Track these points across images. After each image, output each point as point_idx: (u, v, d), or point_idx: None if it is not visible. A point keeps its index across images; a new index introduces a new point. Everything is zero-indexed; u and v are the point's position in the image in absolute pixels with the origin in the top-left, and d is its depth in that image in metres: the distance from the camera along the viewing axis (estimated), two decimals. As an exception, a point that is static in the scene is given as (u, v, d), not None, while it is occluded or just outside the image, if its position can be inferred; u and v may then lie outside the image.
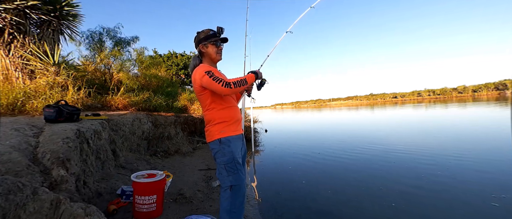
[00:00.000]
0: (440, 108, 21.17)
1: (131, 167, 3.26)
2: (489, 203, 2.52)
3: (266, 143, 7.55)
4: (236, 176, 1.55)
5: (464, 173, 3.50)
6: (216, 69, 1.69)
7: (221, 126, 1.60)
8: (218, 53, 1.68)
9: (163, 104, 5.70)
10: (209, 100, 1.60)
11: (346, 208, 2.64)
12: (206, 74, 1.50)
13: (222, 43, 1.71)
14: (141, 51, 7.05)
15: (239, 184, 1.55)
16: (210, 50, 1.65)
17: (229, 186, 1.55)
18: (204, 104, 1.64)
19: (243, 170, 1.62)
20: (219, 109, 1.62)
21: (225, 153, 1.56)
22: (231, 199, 1.53)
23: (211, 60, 1.69)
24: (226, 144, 1.57)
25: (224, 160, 1.56)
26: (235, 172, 1.55)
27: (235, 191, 1.54)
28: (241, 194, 1.57)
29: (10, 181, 1.12)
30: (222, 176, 1.58)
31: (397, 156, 4.78)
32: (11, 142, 1.85)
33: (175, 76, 10.91)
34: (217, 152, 1.59)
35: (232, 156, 1.56)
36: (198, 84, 1.57)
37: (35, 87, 3.59)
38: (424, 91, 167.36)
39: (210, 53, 1.66)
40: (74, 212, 1.25)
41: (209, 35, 1.64)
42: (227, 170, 1.55)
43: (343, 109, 35.75)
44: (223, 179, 1.58)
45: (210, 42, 1.64)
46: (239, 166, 1.57)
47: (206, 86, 1.53)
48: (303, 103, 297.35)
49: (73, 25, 4.96)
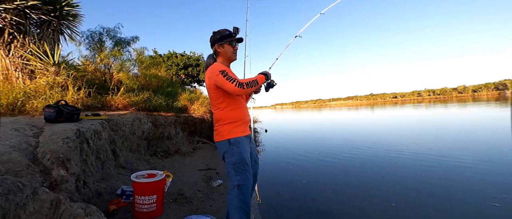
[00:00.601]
0: (440, 108, 21.17)
1: (131, 167, 3.26)
2: (489, 204, 2.51)
3: (266, 143, 7.55)
4: (243, 176, 1.60)
5: (465, 173, 3.50)
6: (229, 69, 1.72)
7: (230, 127, 1.64)
8: (233, 53, 1.73)
9: (163, 104, 5.69)
10: (220, 99, 1.65)
11: (346, 208, 2.64)
12: (220, 73, 1.54)
13: (237, 43, 1.75)
14: (141, 51, 7.05)
15: (246, 184, 1.62)
16: (226, 49, 1.70)
17: (237, 185, 1.61)
18: (215, 102, 1.68)
19: (250, 170, 1.67)
20: (230, 109, 1.66)
21: (234, 153, 1.61)
22: (239, 197, 1.60)
23: (226, 59, 1.73)
24: (235, 145, 1.62)
25: (232, 160, 1.61)
26: (243, 172, 1.61)
27: (242, 190, 1.61)
28: (248, 192, 1.64)
29: (10, 181, 1.12)
30: (230, 175, 1.64)
31: (397, 156, 4.78)
32: (11, 142, 1.85)
33: (175, 76, 10.90)
34: (226, 152, 1.64)
35: (240, 157, 1.60)
36: (212, 83, 1.61)
37: (35, 87, 3.58)
38: (424, 91, 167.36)
39: (226, 53, 1.70)
40: (74, 212, 1.25)
41: (225, 35, 1.68)
42: (235, 170, 1.61)
43: (343, 109, 35.75)
44: (231, 179, 1.64)
45: (226, 42, 1.68)
46: (247, 167, 1.63)
47: (219, 85, 1.57)
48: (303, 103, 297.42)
49: (73, 25, 4.96)
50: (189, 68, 11.94)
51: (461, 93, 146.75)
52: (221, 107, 1.66)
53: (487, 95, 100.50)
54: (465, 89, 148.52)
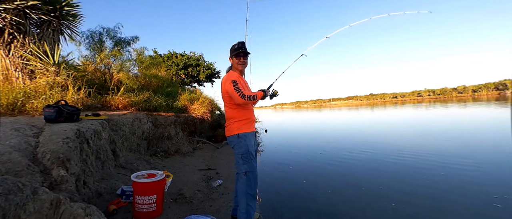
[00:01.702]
0: (440, 108, 21.17)
1: (131, 167, 3.26)
2: (491, 204, 2.49)
3: (266, 143, 7.55)
4: (249, 165, 1.92)
5: (466, 174, 3.49)
6: (241, 79, 2.03)
7: (239, 124, 1.96)
8: (239, 64, 2.03)
9: (163, 104, 5.69)
10: (232, 102, 1.96)
11: (346, 208, 2.64)
12: (232, 83, 1.87)
13: (243, 55, 2.03)
14: (141, 51, 7.04)
15: (252, 171, 1.92)
16: (234, 61, 2.04)
17: (244, 172, 1.91)
18: (228, 103, 2.01)
19: (255, 160, 2.00)
20: (239, 110, 1.98)
21: (242, 145, 1.92)
22: (247, 183, 1.90)
23: (236, 69, 2.05)
24: (243, 139, 1.93)
25: (241, 151, 1.93)
26: (249, 161, 1.92)
27: (249, 176, 1.91)
28: (254, 178, 1.93)
29: (10, 181, 1.12)
30: (239, 164, 1.95)
31: (397, 156, 4.77)
32: (11, 142, 1.85)
33: (175, 76, 10.90)
34: (235, 144, 1.96)
35: (247, 149, 1.92)
36: (225, 89, 1.93)
37: (35, 87, 3.58)
38: (424, 91, 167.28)
39: (234, 64, 2.05)
40: (74, 212, 1.25)
41: (233, 49, 2.03)
42: (243, 159, 1.92)
43: (343, 109, 35.75)
44: (239, 167, 1.95)
45: (233, 55, 2.02)
46: (252, 157, 1.95)
47: (229, 93, 1.90)
48: (303, 103, 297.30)
49: (73, 25, 4.95)
50: (189, 68, 11.94)
51: (461, 93, 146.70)
52: (233, 107, 1.99)
53: (487, 95, 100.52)
54: (465, 89, 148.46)
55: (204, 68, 12.23)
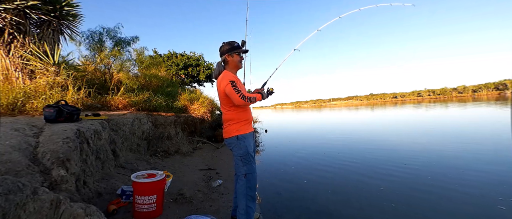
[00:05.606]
0: (440, 108, 21.16)
1: (131, 167, 3.26)
2: (495, 206, 2.46)
3: (266, 143, 7.55)
4: (249, 166, 1.88)
5: (469, 175, 3.44)
6: (238, 79, 1.96)
7: (238, 126, 1.91)
8: (240, 62, 1.99)
9: (163, 104, 5.69)
10: (230, 103, 1.90)
11: (346, 208, 2.64)
12: (230, 83, 1.80)
13: (244, 53, 2.02)
14: (141, 51, 7.04)
15: (252, 173, 1.89)
16: (235, 59, 1.95)
17: (244, 174, 1.87)
18: (225, 106, 1.94)
19: (254, 161, 1.96)
20: (238, 112, 1.92)
21: (241, 147, 1.88)
22: (247, 185, 1.86)
23: (234, 67, 1.98)
24: (242, 140, 1.88)
25: (240, 153, 1.88)
26: (248, 163, 1.88)
27: (249, 178, 1.88)
28: (254, 180, 1.90)
29: (10, 181, 1.12)
30: (238, 166, 1.91)
31: (398, 157, 4.77)
32: (11, 142, 1.85)
33: (175, 76, 10.90)
34: (234, 146, 1.91)
35: (246, 150, 1.88)
36: (222, 89, 1.87)
37: (35, 87, 3.58)
38: (424, 91, 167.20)
39: (234, 62, 1.95)
40: (74, 212, 1.25)
41: (235, 46, 1.94)
42: (242, 161, 1.88)
43: (343, 109, 35.74)
44: (239, 169, 1.91)
45: (235, 52, 1.93)
46: (251, 158, 1.91)
47: (228, 94, 1.83)
48: (303, 103, 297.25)
49: (73, 25, 4.95)
50: (189, 68, 11.93)
51: (461, 93, 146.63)
52: (231, 109, 1.92)
53: (487, 95, 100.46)
54: (465, 89, 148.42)
55: (204, 68, 12.23)
